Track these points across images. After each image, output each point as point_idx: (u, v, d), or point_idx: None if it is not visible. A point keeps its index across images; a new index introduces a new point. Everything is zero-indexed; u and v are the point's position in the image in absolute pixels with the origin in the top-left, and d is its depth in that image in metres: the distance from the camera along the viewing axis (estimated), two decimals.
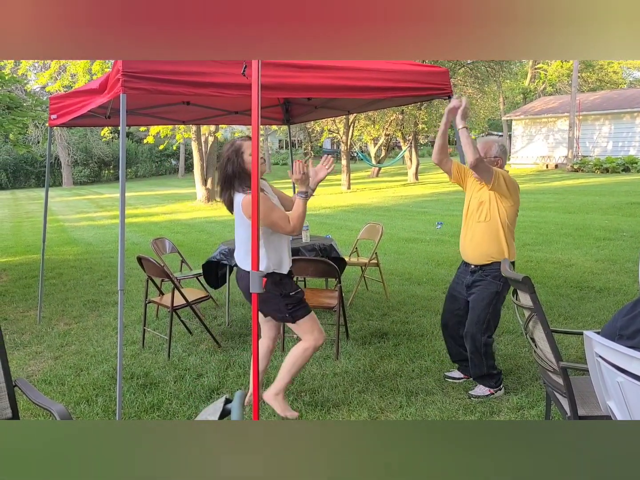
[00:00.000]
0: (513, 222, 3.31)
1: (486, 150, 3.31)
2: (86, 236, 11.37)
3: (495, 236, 3.26)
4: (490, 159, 3.31)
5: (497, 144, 3.35)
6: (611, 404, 1.62)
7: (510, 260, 3.25)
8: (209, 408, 1.27)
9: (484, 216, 3.27)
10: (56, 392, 3.63)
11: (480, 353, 3.30)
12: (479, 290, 3.30)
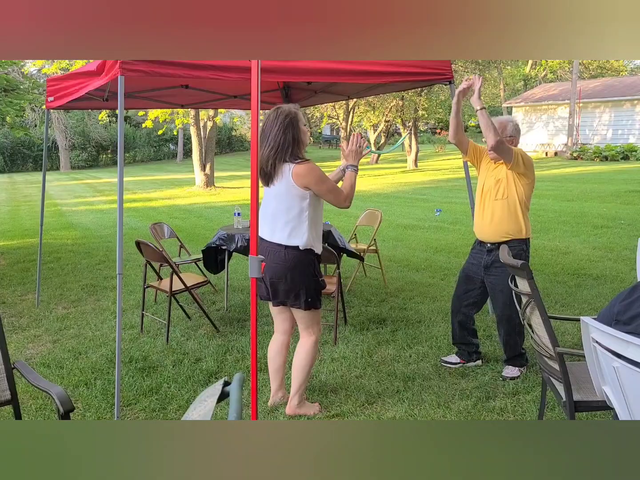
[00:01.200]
0: (529, 199, 3.35)
1: (502, 129, 3.34)
2: (84, 221, 11.35)
3: (513, 213, 3.29)
4: (505, 138, 3.33)
5: (512, 122, 3.40)
6: (607, 389, 1.64)
7: (525, 237, 3.32)
8: (207, 390, 1.28)
9: (501, 194, 3.30)
10: (55, 375, 3.65)
11: (515, 333, 3.38)
12: (502, 272, 3.31)
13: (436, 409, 3.07)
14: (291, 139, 2.79)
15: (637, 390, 1.46)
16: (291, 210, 2.81)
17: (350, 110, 21.96)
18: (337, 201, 2.86)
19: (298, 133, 2.82)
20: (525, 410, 3.03)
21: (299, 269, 2.83)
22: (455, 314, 3.64)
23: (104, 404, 3.22)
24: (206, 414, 1.15)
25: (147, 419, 3.04)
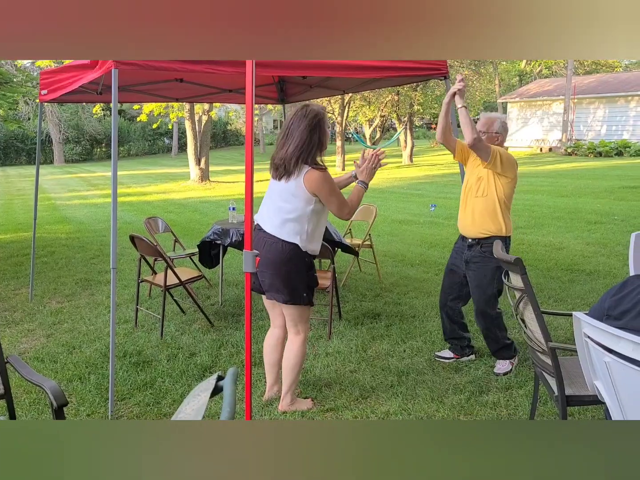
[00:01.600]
0: (510, 198, 3.35)
1: (488, 125, 3.35)
2: (78, 215, 11.30)
3: (492, 211, 3.30)
4: (491, 134, 3.34)
5: (499, 120, 3.39)
6: (598, 384, 1.65)
7: (506, 235, 3.32)
8: (201, 385, 1.28)
9: (481, 191, 3.32)
10: (48, 369, 3.64)
11: (494, 327, 3.41)
12: (479, 268, 3.35)
13: (430, 403, 3.09)
14: (317, 140, 2.78)
15: (628, 385, 1.48)
16: (294, 212, 2.80)
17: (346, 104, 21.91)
18: (340, 213, 2.86)
19: (323, 136, 2.82)
20: (518, 404, 3.05)
21: (293, 262, 2.82)
22: (442, 308, 3.68)
23: (97, 398, 3.22)
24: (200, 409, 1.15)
25: (141, 414, 3.04)
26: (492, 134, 3.35)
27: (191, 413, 1.15)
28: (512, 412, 2.96)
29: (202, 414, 1.12)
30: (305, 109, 2.80)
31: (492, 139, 3.35)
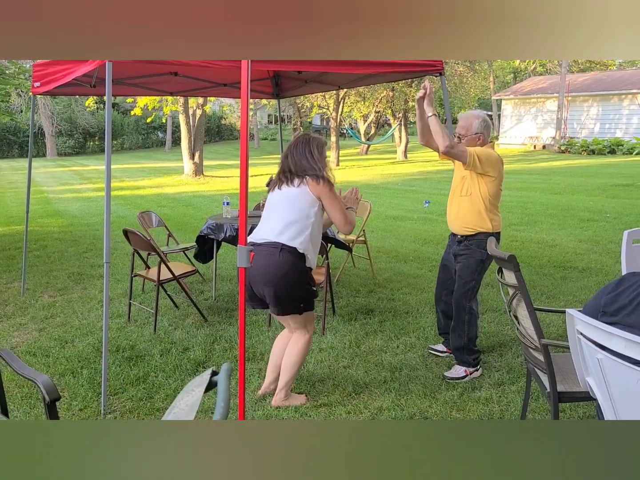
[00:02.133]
0: (495, 196, 3.28)
1: (467, 127, 3.26)
2: (71, 208, 11.24)
3: (476, 210, 3.27)
4: (471, 136, 3.26)
5: (478, 119, 3.25)
6: (590, 380, 1.66)
7: (493, 232, 3.28)
8: (195, 380, 1.28)
9: (465, 191, 3.29)
10: (41, 363, 3.63)
11: (463, 320, 3.33)
12: (465, 259, 3.34)
13: (422, 399, 3.10)
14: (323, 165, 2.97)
15: (619, 382, 1.49)
16: (301, 212, 2.85)
17: (341, 100, 21.88)
18: (342, 222, 2.90)
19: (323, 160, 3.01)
20: (510, 400, 3.07)
21: (291, 273, 2.81)
22: (437, 303, 3.69)
23: (90, 393, 3.21)
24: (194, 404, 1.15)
25: (134, 409, 3.04)
26: (472, 136, 3.26)
27: (185, 408, 1.15)
28: (504, 408, 2.98)
29: (196, 410, 1.12)
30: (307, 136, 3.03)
31: (473, 141, 3.26)
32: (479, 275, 3.34)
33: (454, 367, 3.40)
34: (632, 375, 1.41)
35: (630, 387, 1.45)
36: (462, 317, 3.35)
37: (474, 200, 3.27)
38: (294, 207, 2.86)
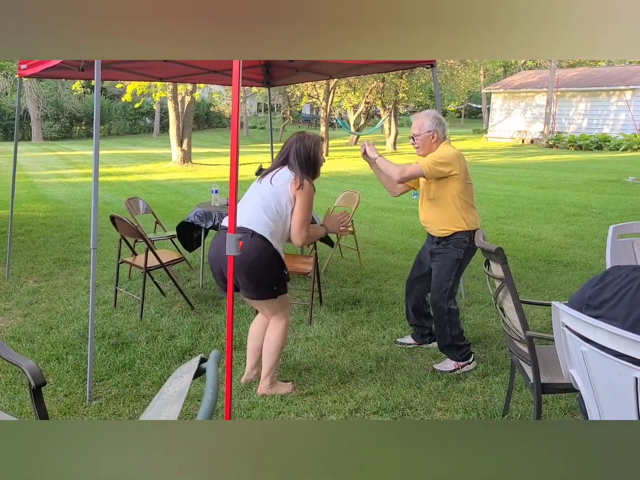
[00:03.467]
0: (464, 192, 3.22)
1: (419, 127, 3.24)
2: (56, 193, 11.11)
3: (449, 211, 3.23)
4: (424, 135, 3.24)
5: (429, 117, 3.22)
6: (573, 372, 1.69)
7: (469, 229, 3.25)
8: (183, 367, 1.28)
9: (433, 194, 3.27)
10: (25, 349, 3.60)
11: (444, 322, 3.30)
12: (441, 258, 3.31)
13: (408, 389, 3.13)
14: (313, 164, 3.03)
15: (602, 373, 1.51)
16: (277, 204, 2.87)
17: (331, 90, 21.80)
18: (298, 230, 2.91)
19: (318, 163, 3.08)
20: (494, 391, 3.11)
21: (262, 257, 2.81)
22: (408, 297, 3.67)
23: (75, 379, 3.20)
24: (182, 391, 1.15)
25: (120, 395, 3.03)
26: (426, 134, 3.23)
27: (173, 394, 1.15)
28: (487, 399, 3.02)
29: (185, 396, 1.13)
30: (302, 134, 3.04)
31: (427, 139, 3.23)
32: (455, 276, 3.30)
33: (444, 361, 3.42)
34: (615, 368, 1.44)
35: (612, 379, 1.47)
36: (442, 319, 3.31)
37: (444, 202, 3.23)
38: (272, 198, 2.88)
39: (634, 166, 15.61)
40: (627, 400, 1.45)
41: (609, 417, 1.58)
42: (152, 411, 1.15)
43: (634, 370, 1.39)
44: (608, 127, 23.28)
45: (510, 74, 34.26)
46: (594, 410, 1.63)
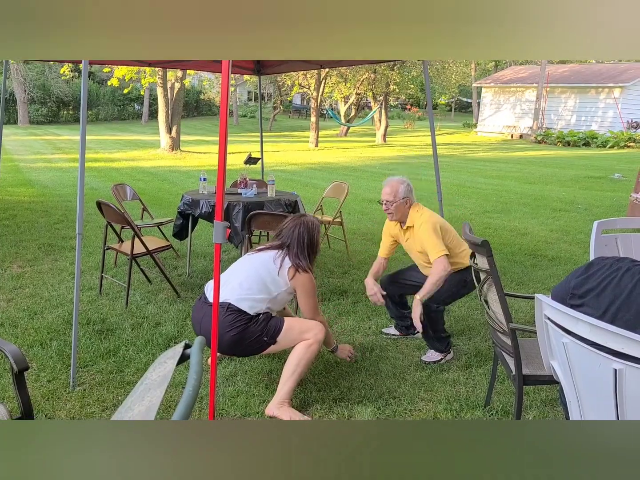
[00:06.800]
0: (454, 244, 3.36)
1: (394, 194, 3.33)
2: (42, 178, 10.97)
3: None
4: (398, 202, 3.33)
5: (403, 184, 3.35)
6: (554, 364, 1.71)
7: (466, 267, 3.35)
8: (167, 352, 1.28)
9: (428, 260, 3.34)
10: (9, 334, 3.57)
11: (430, 318, 3.29)
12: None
13: (392, 379, 3.16)
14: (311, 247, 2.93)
15: (582, 365, 1.54)
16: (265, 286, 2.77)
17: (322, 80, 21.70)
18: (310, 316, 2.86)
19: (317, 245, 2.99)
20: (477, 382, 3.14)
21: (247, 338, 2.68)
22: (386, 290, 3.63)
23: (59, 365, 3.18)
24: (166, 376, 1.15)
25: (104, 382, 3.02)
26: (400, 201, 3.34)
27: (157, 379, 1.15)
28: (470, 390, 3.06)
29: (168, 382, 1.13)
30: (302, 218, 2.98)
31: (402, 206, 3.34)
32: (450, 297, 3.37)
33: (429, 352, 3.44)
34: (595, 359, 1.46)
35: (592, 371, 1.50)
36: (428, 316, 3.29)
37: None
38: (262, 279, 2.77)
39: (620, 163, 15.78)
40: (606, 391, 1.48)
41: (588, 408, 1.61)
42: (135, 396, 1.15)
43: (613, 362, 1.41)
44: (596, 124, 23.47)
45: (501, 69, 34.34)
46: (574, 401, 1.65)
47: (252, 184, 5.17)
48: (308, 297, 2.84)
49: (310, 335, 2.74)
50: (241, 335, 2.67)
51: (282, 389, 2.74)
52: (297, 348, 2.75)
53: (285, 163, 15.24)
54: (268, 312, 2.78)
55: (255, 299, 2.73)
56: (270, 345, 2.75)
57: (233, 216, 4.52)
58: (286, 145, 21.47)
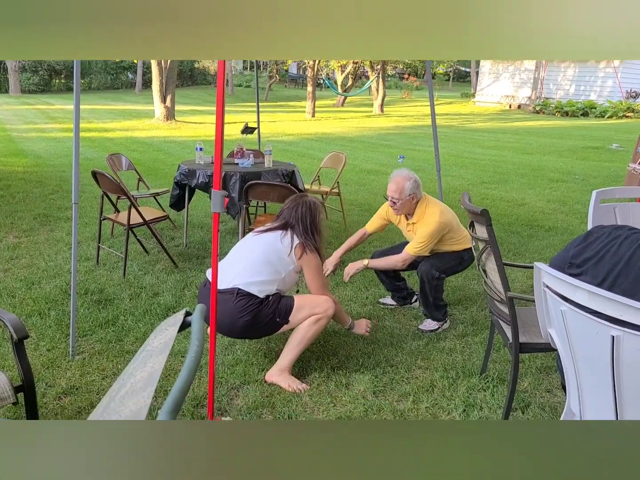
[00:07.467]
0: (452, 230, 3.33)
1: (400, 191, 3.27)
2: (36, 148, 10.85)
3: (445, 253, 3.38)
4: (406, 199, 3.28)
5: (409, 181, 3.27)
6: (552, 331, 1.73)
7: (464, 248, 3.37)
8: (168, 320, 1.28)
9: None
10: (6, 304, 3.57)
11: (430, 287, 3.30)
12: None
13: (389, 347, 3.19)
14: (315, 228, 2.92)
15: (580, 332, 1.55)
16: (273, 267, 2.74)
17: None
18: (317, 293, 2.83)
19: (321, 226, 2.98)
20: (473, 351, 3.18)
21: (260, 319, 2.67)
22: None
23: (58, 334, 3.20)
24: (167, 343, 1.15)
25: (103, 351, 3.04)
26: (407, 198, 3.28)
27: (158, 346, 1.16)
28: (466, 358, 3.09)
29: (170, 348, 1.13)
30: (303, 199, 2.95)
31: (408, 202, 3.29)
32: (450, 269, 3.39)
33: (426, 321, 3.47)
34: (593, 327, 1.48)
35: (590, 338, 1.51)
36: (430, 283, 3.30)
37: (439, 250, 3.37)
38: (269, 260, 2.74)
39: (618, 133, 15.69)
40: (603, 359, 1.49)
41: (584, 374, 1.63)
42: (136, 362, 1.15)
43: (611, 329, 1.43)
44: (595, 93, 23.24)
45: None
46: (570, 368, 1.67)
47: (249, 154, 5.12)
48: (315, 275, 2.82)
49: (320, 310, 2.73)
50: (254, 320, 2.65)
51: (285, 357, 2.77)
52: (306, 321, 2.75)
53: (281, 133, 15.09)
54: (278, 293, 2.77)
55: (263, 281, 2.70)
56: (283, 326, 2.73)
57: (230, 186, 4.49)
58: (282, 115, 21.23)
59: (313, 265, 2.81)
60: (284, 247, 2.78)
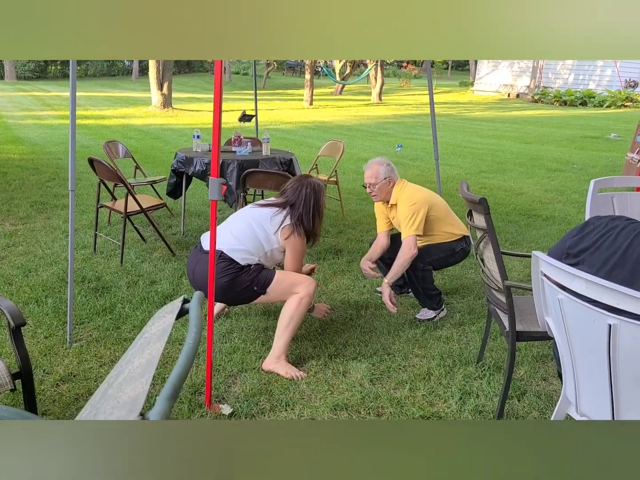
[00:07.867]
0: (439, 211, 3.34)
1: (375, 175, 3.34)
2: (32, 135, 10.78)
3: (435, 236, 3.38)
4: (381, 182, 3.34)
5: (382, 165, 3.35)
6: (549, 320, 1.73)
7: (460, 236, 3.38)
8: (166, 307, 1.28)
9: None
10: (3, 291, 3.57)
11: (417, 278, 3.33)
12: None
13: (386, 336, 3.20)
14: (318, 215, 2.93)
15: (577, 321, 1.56)
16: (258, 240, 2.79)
17: None
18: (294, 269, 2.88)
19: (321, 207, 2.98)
20: (470, 339, 3.19)
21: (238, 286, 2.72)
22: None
23: (55, 321, 3.20)
24: (165, 330, 1.15)
25: (100, 338, 3.05)
26: (382, 182, 3.34)
27: (156, 333, 1.16)
28: (463, 347, 3.11)
29: (168, 335, 1.13)
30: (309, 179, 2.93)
31: (384, 186, 3.35)
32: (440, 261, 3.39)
33: (422, 309, 3.48)
34: (590, 315, 1.48)
35: (586, 326, 1.52)
36: (416, 275, 3.33)
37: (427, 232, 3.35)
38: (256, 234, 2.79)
39: (616, 123, 15.66)
40: (600, 347, 1.50)
41: (580, 363, 1.64)
42: (135, 349, 1.16)
43: (608, 317, 1.43)
44: (594, 82, 23.15)
45: None
46: (567, 356, 1.68)
47: (246, 142, 5.10)
48: (295, 260, 2.86)
49: (301, 289, 2.76)
50: (231, 283, 2.70)
51: (278, 343, 2.79)
52: (289, 302, 2.77)
53: (279, 122, 15.01)
54: (260, 264, 2.81)
55: (247, 251, 2.76)
56: (260, 295, 2.77)
57: (227, 174, 4.48)
58: (280, 103, 21.11)
59: (298, 249, 2.84)
60: (272, 225, 2.82)
